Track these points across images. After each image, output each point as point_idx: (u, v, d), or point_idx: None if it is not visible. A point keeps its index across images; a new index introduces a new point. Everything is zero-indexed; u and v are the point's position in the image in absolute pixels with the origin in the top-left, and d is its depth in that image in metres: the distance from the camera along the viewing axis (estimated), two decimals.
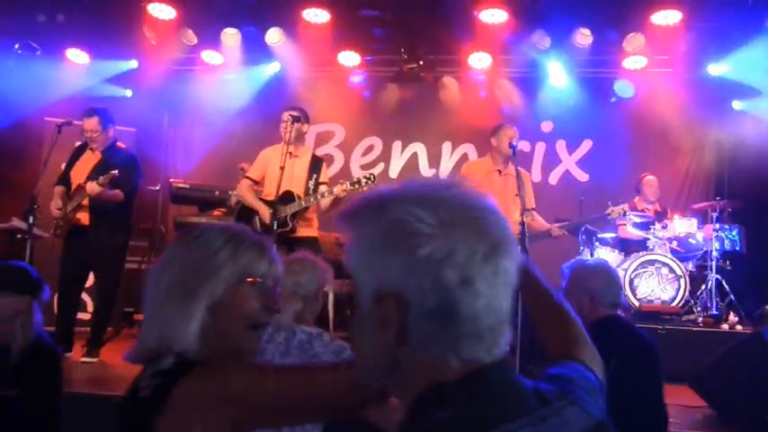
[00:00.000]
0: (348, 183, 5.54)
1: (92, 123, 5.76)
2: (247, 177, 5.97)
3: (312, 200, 5.64)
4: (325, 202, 5.67)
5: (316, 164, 5.93)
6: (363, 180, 5.50)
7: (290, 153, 5.75)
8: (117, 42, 8.20)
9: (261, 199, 5.78)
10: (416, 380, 0.95)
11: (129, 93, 8.72)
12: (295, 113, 5.81)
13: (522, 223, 5.07)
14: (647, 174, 7.67)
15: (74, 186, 5.80)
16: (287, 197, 5.64)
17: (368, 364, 1.01)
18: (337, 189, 5.51)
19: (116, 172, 5.54)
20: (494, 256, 0.94)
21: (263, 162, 5.94)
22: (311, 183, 5.79)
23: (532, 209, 5.80)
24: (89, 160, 5.86)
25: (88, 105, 5.99)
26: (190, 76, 8.76)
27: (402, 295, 0.93)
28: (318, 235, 6.02)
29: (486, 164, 6.01)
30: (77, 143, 6.09)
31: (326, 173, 6.05)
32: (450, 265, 0.91)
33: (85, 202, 5.69)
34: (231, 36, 8.04)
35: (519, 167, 5.80)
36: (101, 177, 5.53)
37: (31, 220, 5.36)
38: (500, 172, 5.78)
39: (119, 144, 6.02)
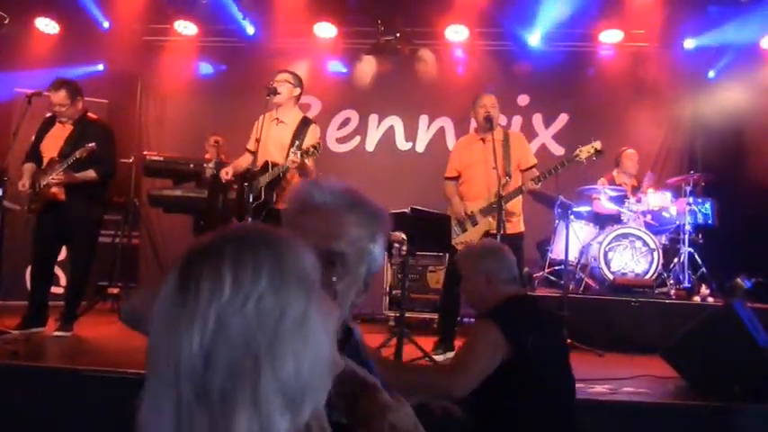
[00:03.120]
0: (299, 152, 5.24)
1: (59, 96, 5.58)
2: (247, 150, 5.73)
3: (278, 170, 5.36)
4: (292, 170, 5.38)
5: (302, 129, 5.61)
6: (312, 150, 5.22)
7: (277, 119, 5.63)
8: (88, 12, 8.05)
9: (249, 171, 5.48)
10: None
11: (100, 62, 8.54)
12: (293, 75, 5.73)
13: (499, 195, 5.10)
14: (626, 147, 7.69)
15: (45, 161, 5.64)
16: (264, 167, 5.46)
17: None
18: (289, 160, 5.23)
19: (93, 145, 5.45)
20: None
21: (256, 131, 5.60)
22: (293, 150, 5.40)
23: (532, 166, 5.75)
24: (60, 133, 5.70)
25: (56, 77, 5.80)
26: (163, 47, 8.62)
27: None
28: None
29: (470, 137, 5.96)
30: (47, 114, 5.88)
31: (314, 137, 5.57)
32: None
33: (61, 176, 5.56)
34: (205, 6, 7.93)
35: (509, 130, 5.82)
36: (77, 152, 5.42)
37: (0, 192, 5.25)
38: (483, 141, 5.67)
39: (90, 115, 5.88)
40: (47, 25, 8.16)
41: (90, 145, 5.43)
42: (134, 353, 4.70)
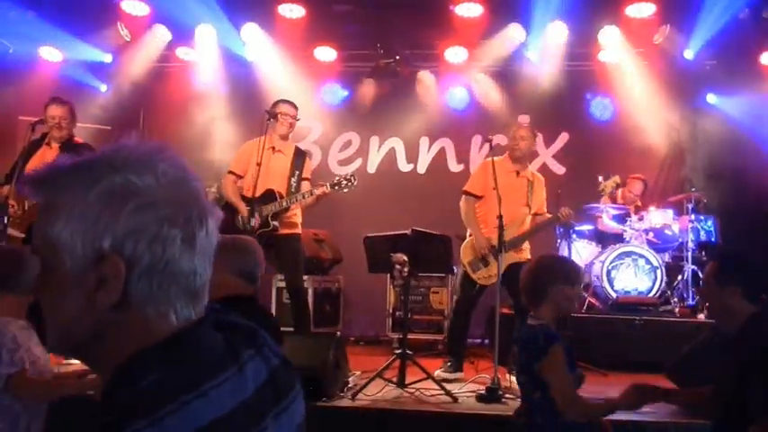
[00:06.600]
0: (328, 184, 5.45)
1: (63, 110, 5.59)
2: (231, 172, 5.75)
3: (293, 200, 5.48)
4: (307, 201, 5.53)
5: (299, 159, 5.73)
6: (344, 182, 5.42)
7: (273, 148, 5.64)
8: (91, 40, 8.13)
9: (242, 196, 5.60)
10: (122, 346, 0.96)
11: (103, 88, 8.62)
12: (294, 107, 5.76)
13: (526, 232, 5.26)
14: (637, 176, 7.67)
15: None
16: (268, 196, 5.50)
17: (70, 331, 0.99)
18: (318, 191, 5.42)
19: None
20: (206, 219, 1.01)
21: (245, 155, 5.70)
22: (294, 180, 5.59)
23: (544, 213, 5.79)
24: (49, 155, 5.55)
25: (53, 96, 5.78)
26: (165, 73, 8.70)
27: (125, 254, 0.95)
28: (302, 232, 5.85)
29: (506, 164, 5.70)
30: (34, 137, 5.67)
31: (310, 167, 5.89)
32: (174, 224, 0.96)
33: None
34: (206, 32, 8.01)
35: (535, 172, 5.90)
36: None
37: (5, 220, 5.25)
38: (518, 173, 5.68)
39: (77, 139, 5.83)
40: (50, 54, 8.24)
41: None
42: None
